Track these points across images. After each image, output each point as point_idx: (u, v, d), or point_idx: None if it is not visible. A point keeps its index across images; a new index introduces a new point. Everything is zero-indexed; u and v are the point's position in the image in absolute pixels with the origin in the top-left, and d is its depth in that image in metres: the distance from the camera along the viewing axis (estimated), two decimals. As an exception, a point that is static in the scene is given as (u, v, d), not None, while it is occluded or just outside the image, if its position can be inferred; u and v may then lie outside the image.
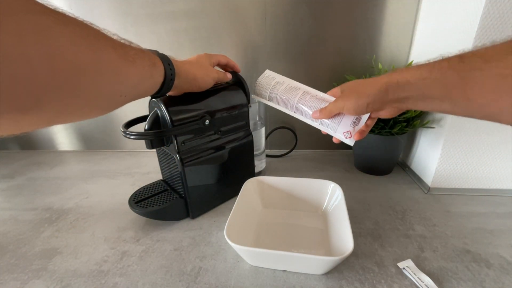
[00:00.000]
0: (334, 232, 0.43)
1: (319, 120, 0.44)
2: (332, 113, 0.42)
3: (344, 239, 0.38)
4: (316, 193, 0.51)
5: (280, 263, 0.39)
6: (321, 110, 0.42)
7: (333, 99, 0.43)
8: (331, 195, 0.49)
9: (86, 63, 0.22)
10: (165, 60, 0.35)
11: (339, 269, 0.39)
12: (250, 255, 0.39)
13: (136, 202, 0.49)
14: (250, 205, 0.50)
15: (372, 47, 0.67)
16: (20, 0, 0.18)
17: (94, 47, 0.23)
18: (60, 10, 0.21)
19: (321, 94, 0.46)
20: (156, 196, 0.51)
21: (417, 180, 0.62)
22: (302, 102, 0.46)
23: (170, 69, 0.36)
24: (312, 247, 0.43)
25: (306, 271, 0.39)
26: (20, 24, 0.17)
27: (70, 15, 0.22)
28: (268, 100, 0.50)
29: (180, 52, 0.71)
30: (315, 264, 0.37)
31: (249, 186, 0.51)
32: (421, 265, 0.39)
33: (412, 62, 0.61)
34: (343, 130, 0.42)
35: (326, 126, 0.44)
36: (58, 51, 0.20)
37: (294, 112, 0.47)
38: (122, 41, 0.29)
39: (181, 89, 0.42)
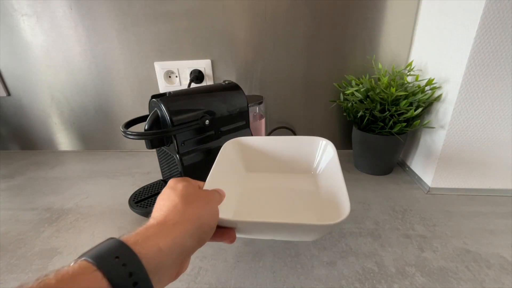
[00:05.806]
0: (328, 194, 0.39)
1: None
2: None
3: (339, 202, 0.33)
4: (305, 152, 0.45)
5: (268, 233, 0.34)
6: None
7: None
8: (322, 153, 0.44)
9: None
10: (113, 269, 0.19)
11: (339, 269, 0.39)
12: (234, 227, 0.32)
13: (136, 202, 0.49)
14: (231, 169, 0.44)
15: (372, 47, 0.67)
16: None
17: None
18: None
19: None
20: (156, 196, 0.51)
21: (417, 180, 0.62)
22: None
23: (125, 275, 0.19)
24: (303, 213, 0.39)
25: (298, 239, 0.35)
26: None
27: None
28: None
29: (180, 52, 0.72)
30: (307, 231, 0.32)
31: (229, 148, 0.44)
32: (421, 265, 0.39)
33: (412, 62, 0.61)
34: None
35: None
36: None
37: None
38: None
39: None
